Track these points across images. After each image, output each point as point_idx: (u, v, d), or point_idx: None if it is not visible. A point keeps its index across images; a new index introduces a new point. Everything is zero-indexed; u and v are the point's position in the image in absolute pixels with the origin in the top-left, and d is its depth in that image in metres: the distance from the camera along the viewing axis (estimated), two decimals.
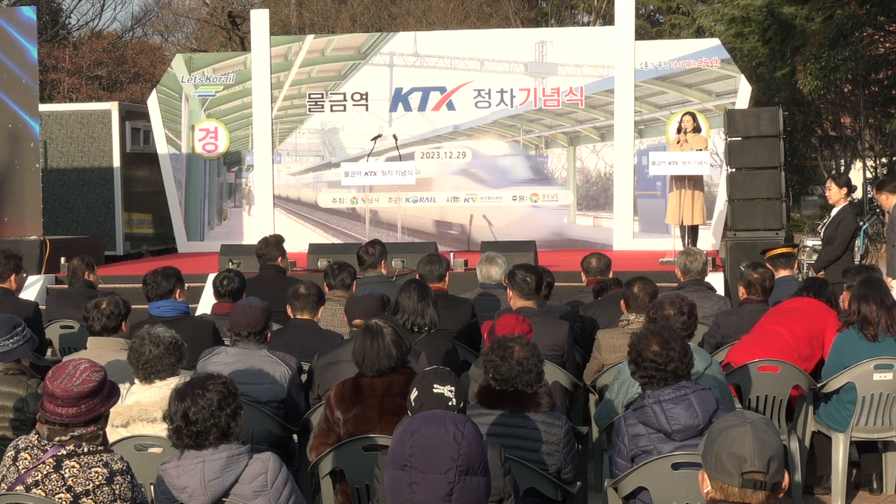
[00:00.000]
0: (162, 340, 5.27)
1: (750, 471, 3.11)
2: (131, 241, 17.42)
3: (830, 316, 7.13)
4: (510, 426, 4.88)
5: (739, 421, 3.18)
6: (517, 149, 16.63)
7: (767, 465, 3.11)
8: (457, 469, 3.25)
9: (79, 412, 4.18)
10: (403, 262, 11.57)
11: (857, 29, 20.93)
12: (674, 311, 5.83)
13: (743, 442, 3.12)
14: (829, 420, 6.95)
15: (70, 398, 4.16)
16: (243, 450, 4.34)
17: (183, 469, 4.27)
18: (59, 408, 4.17)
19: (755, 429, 3.14)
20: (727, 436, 3.15)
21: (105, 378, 4.30)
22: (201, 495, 4.23)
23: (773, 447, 3.14)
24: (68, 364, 4.27)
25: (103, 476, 4.15)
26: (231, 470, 4.27)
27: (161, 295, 7.27)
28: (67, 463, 4.15)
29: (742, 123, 13.73)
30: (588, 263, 8.98)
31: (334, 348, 6.19)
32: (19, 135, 13.34)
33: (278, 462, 4.39)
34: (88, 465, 4.16)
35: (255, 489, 4.29)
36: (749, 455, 3.10)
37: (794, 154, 23.82)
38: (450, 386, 4.29)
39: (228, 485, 4.26)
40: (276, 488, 4.33)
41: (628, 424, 4.88)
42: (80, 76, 29.94)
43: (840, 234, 10.24)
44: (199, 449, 4.28)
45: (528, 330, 5.85)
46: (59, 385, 4.17)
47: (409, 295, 6.68)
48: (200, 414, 4.27)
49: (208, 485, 4.23)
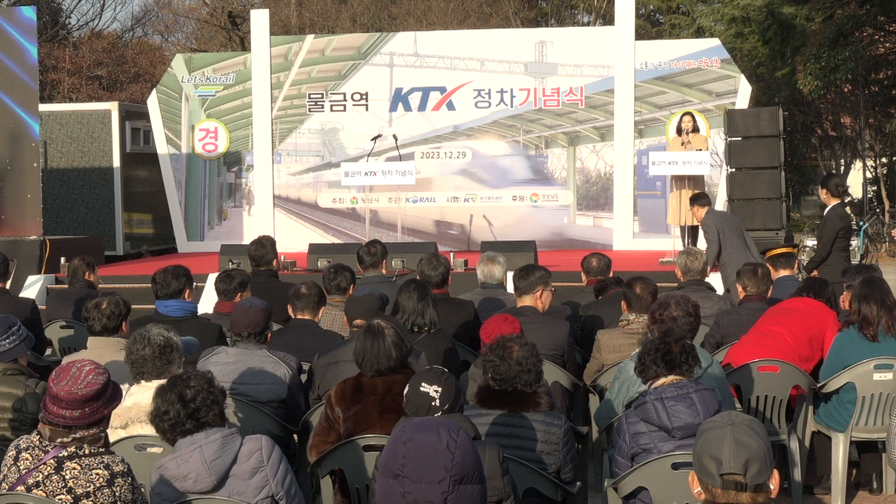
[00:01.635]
0: (153, 342, 5.22)
1: (726, 473, 3.15)
2: (131, 242, 17.39)
3: (830, 317, 7.10)
4: (509, 426, 4.86)
5: (722, 423, 3.22)
6: (517, 149, 16.63)
7: (745, 468, 3.14)
8: (451, 479, 3.23)
9: (83, 415, 4.16)
10: (403, 262, 11.54)
11: (857, 29, 21.01)
12: (680, 312, 5.84)
13: (721, 444, 3.16)
14: (829, 420, 6.92)
15: (75, 401, 4.13)
16: (234, 430, 4.40)
17: (181, 458, 4.30)
18: (62, 410, 4.14)
19: (735, 431, 3.18)
20: (707, 437, 3.20)
21: (108, 380, 4.28)
22: (206, 477, 4.27)
23: (751, 449, 3.16)
24: (72, 366, 4.23)
25: (104, 478, 4.12)
26: (228, 449, 4.32)
27: (170, 294, 7.22)
28: (69, 464, 4.13)
29: (742, 123, 13.82)
30: (588, 263, 8.93)
31: (334, 348, 6.17)
32: (19, 135, 13.31)
33: (271, 442, 4.44)
34: (90, 466, 4.13)
35: (253, 466, 4.34)
36: (725, 457, 3.15)
37: (794, 154, 23.90)
38: (436, 386, 4.22)
39: (229, 463, 4.31)
40: (272, 464, 4.38)
41: (630, 422, 4.88)
42: (80, 76, 29.89)
43: (823, 235, 10.24)
44: (200, 430, 4.33)
45: (515, 331, 5.76)
46: (64, 388, 4.14)
47: (408, 295, 6.64)
48: (197, 392, 4.35)
49: (211, 465, 4.27)
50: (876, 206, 24.39)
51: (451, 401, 4.20)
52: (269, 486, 4.37)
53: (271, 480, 4.38)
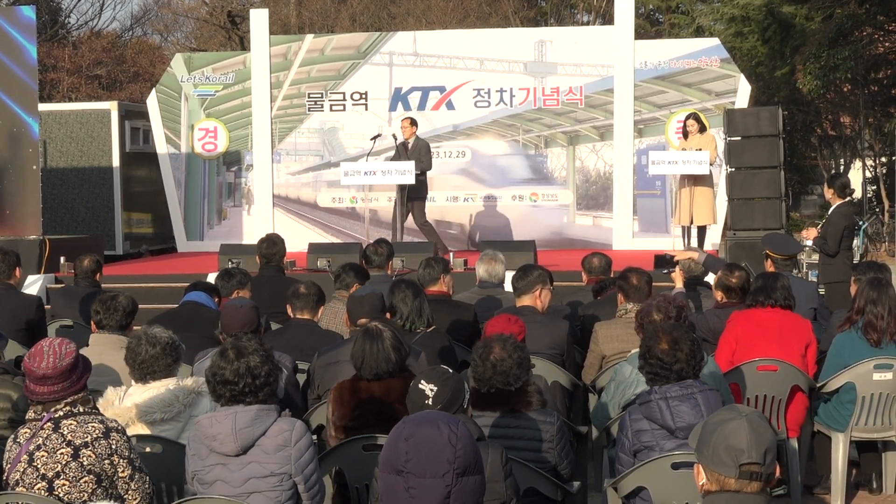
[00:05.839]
0: (159, 341, 5.22)
1: (747, 462, 3.20)
2: (131, 241, 17.42)
3: (806, 327, 6.94)
4: (502, 427, 4.87)
5: (735, 414, 3.27)
6: (516, 148, 16.64)
7: (764, 457, 3.21)
8: (454, 471, 3.25)
9: (72, 382, 4.46)
10: (403, 261, 11.52)
11: (857, 28, 20.98)
12: (661, 317, 5.78)
13: (740, 434, 3.21)
14: (829, 420, 6.91)
15: (63, 372, 4.42)
16: (273, 407, 4.54)
17: (216, 419, 4.47)
18: (53, 386, 4.42)
19: (750, 421, 3.23)
20: (724, 429, 3.24)
21: (76, 346, 4.59)
22: (231, 442, 4.42)
23: (767, 439, 3.24)
24: (41, 346, 4.49)
25: (100, 430, 4.41)
26: (261, 422, 4.46)
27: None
28: (65, 422, 4.42)
29: (741, 123, 13.76)
30: (590, 263, 8.90)
31: (334, 348, 6.15)
32: (19, 134, 13.29)
33: (304, 428, 4.56)
34: (85, 421, 4.43)
35: (279, 443, 4.45)
36: (746, 447, 3.20)
37: (793, 153, 23.87)
38: (433, 385, 4.21)
39: (258, 434, 4.45)
40: (298, 448, 4.48)
41: (633, 420, 4.91)
42: (79, 76, 29.90)
43: (829, 234, 10.19)
44: (254, 403, 4.48)
45: (518, 331, 5.74)
46: (49, 365, 4.41)
47: (403, 296, 6.60)
48: (262, 366, 4.52)
49: (239, 433, 4.43)
50: (876, 205, 24.38)
51: (444, 401, 4.18)
52: (290, 466, 4.46)
53: (293, 463, 4.46)
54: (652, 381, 4.92)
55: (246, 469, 4.44)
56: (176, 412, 5.12)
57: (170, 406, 5.11)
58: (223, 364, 4.52)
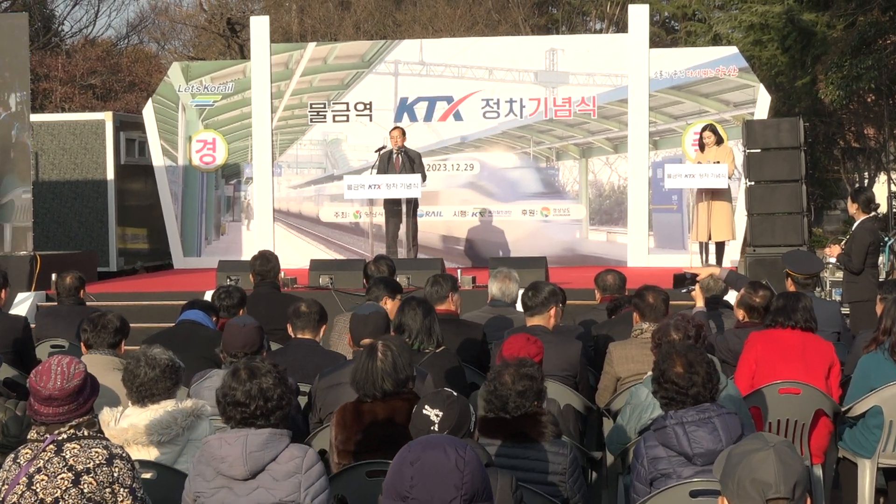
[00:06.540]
0: (158, 363, 5.23)
1: (774, 497, 3.09)
2: (125, 257, 17.41)
3: (829, 349, 6.84)
4: (511, 457, 4.82)
5: (761, 444, 3.17)
6: (527, 161, 16.58)
7: (793, 491, 3.10)
8: (462, 497, 3.19)
9: (78, 405, 4.38)
10: (409, 278, 11.45)
11: (881, 36, 21.00)
12: (679, 336, 5.76)
13: (767, 467, 3.11)
14: (855, 445, 6.77)
15: (69, 395, 4.33)
16: (285, 432, 4.53)
17: (226, 440, 4.45)
18: (59, 408, 4.34)
19: (778, 452, 3.13)
20: (750, 460, 3.13)
21: (85, 367, 4.51)
22: (241, 465, 4.40)
23: (797, 471, 3.13)
24: (49, 364, 4.40)
25: (103, 456, 4.32)
26: (272, 447, 4.44)
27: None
28: (68, 445, 4.33)
29: (761, 135, 14.00)
30: (604, 281, 8.86)
31: (337, 369, 6.08)
32: (9, 146, 13.32)
33: (316, 456, 4.54)
34: (88, 445, 4.35)
35: (289, 470, 4.42)
36: (774, 480, 3.09)
37: (815, 166, 24.13)
38: (437, 410, 4.23)
39: (268, 459, 4.42)
40: (308, 475, 4.43)
41: (648, 446, 4.85)
42: (73, 85, 30.09)
43: (854, 251, 10.19)
44: (264, 426, 4.47)
45: (536, 352, 5.65)
46: (56, 386, 4.32)
47: (413, 314, 6.56)
48: (274, 389, 4.49)
49: (249, 456, 4.40)
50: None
51: (450, 427, 4.19)
52: (299, 494, 4.43)
53: (302, 490, 4.44)
54: (667, 406, 4.87)
55: (253, 494, 4.42)
56: (174, 435, 5.12)
57: (167, 428, 5.11)
58: (235, 384, 4.51)
